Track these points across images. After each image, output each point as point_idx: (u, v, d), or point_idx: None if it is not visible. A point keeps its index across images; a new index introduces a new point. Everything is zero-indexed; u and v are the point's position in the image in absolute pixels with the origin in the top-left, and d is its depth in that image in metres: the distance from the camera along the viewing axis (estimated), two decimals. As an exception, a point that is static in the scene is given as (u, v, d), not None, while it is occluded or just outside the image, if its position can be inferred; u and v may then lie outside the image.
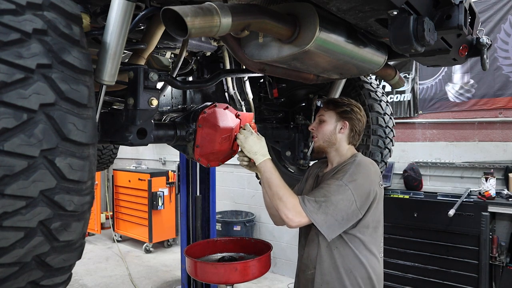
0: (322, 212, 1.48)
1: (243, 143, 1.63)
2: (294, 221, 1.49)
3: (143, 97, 1.27)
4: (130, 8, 1.07)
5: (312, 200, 1.50)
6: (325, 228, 1.49)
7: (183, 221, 3.64)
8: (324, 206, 1.48)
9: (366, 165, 1.60)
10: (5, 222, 0.72)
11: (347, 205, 1.50)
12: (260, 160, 1.60)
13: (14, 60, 0.71)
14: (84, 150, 0.83)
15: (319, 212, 1.48)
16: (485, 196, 3.20)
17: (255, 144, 1.62)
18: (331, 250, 1.57)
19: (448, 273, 3.21)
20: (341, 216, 1.50)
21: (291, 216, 1.49)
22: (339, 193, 1.50)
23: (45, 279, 0.83)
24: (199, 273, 2.10)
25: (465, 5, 1.19)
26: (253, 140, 1.62)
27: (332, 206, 1.48)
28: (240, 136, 1.65)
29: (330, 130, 1.69)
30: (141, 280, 4.83)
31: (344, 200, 1.49)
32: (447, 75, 3.88)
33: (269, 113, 2.54)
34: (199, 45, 1.84)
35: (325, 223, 1.49)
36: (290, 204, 1.49)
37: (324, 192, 1.51)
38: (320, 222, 1.48)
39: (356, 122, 1.70)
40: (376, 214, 1.61)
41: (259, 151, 1.62)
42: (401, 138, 4.08)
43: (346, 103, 1.72)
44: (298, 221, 1.49)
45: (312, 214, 1.48)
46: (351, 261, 1.56)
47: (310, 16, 1.15)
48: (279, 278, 4.84)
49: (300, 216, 1.49)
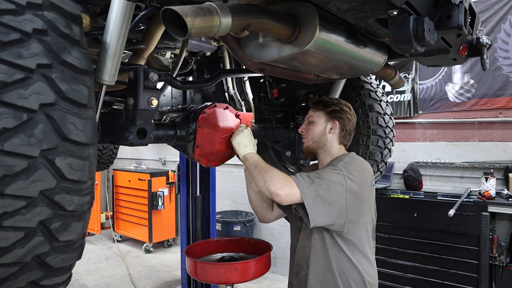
0: (313, 190, 1.41)
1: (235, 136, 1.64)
2: (283, 190, 1.40)
3: (143, 97, 1.27)
4: (130, 8, 1.07)
5: (305, 175, 1.45)
6: (312, 207, 1.41)
7: (183, 221, 3.64)
8: (316, 184, 1.42)
9: (360, 161, 1.61)
10: (5, 222, 0.72)
11: (339, 191, 1.44)
12: (247, 151, 1.60)
13: (14, 60, 0.71)
14: (84, 150, 0.83)
15: (310, 188, 1.41)
16: (485, 196, 3.20)
17: (246, 138, 1.63)
18: (326, 250, 1.55)
19: (448, 273, 3.21)
20: (330, 200, 1.42)
21: (280, 185, 1.40)
22: (333, 176, 1.46)
23: (45, 279, 0.83)
24: (199, 273, 2.10)
25: (465, 5, 1.19)
26: (246, 134, 1.64)
27: (324, 185, 1.42)
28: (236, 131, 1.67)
29: (319, 130, 1.67)
30: (141, 280, 4.83)
31: (337, 184, 1.45)
32: (447, 75, 3.88)
33: (269, 113, 2.54)
34: (199, 45, 1.84)
35: (313, 202, 1.41)
36: (280, 175, 1.45)
37: (318, 173, 1.48)
38: (309, 199, 1.40)
39: (346, 121, 1.68)
40: (368, 215, 1.59)
41: (248, 145, 1.62)
42: (401, 138, 4.08)
43: (335, 103, 1.69)
44: (287, 192, 1.40)
45: (303, 187, 1.40)
46: (345, 263, 1.54)
47: (310, 16, 1.15)
48: (279, 278, 4.84)
49: (290, 187, 1.40)
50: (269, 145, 2.69)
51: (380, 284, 1.70)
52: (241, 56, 1.34)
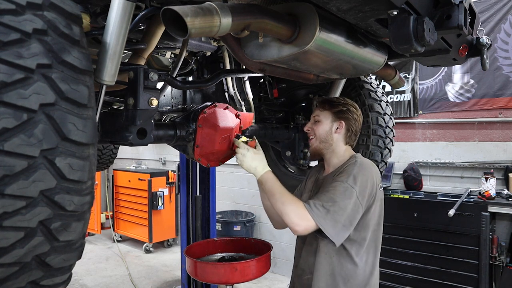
0: (331, 218, 1.43)
1: (242, 162, 1.61)
2: (301, 226, 1.43)
3: (143, 97, 1.27)
4: (130, 8, 1.06)
5: (319, 204, 1.44)
6: (333, 234, 1.43)
7: (183, 221, 3.64)
8: (332, 211, 1.43)
9: (368, 167, 1.57)
10: (5, 222, 0.72)
11: (355, 210, 1.46)
12: (261, 173, 1.58)
13: (14, 60, 0.71)
14: (84, 150, 0.83)
15: (327, 218, 1.43)
16: (485, 196, 3.20)
17: (253, 161, 1.60)
18: (330, 256, 1.53)
19: (448, 273, 3.21)
20: (349, 221, 1.46)
21: (297, 221, 1.43)
22: (346, 197, 1.45)
23: (45, 279, 0.83)
24: (199, 273, 2.10)
25: (465, 5, 1.19)
26: (250, 157, 1.60)
27: (340, 211, 1.43)
28: (237, 156, 1.63)
29: (326, 130, 1.66)
30: (141, 280, 4.83)
31: (351, 204, 1.45)
32: (447, 75, 3.88)
33: (269, 113, 2.54)
34: (199, 45, 1.84)
35: (333, 229, 1.43)
36: (296, 209, 1.44)
37: (330, 195, 1.46)
38: (329, 228, 1.43)
39: (353, 122, 1.67)
40: (375, 217, 1.57)
41: (258, 166, 1.60)
42: (401, 138, 4.08)
43: (342, 103, 1.68)
44: (305, 227, 1.43)
45: (320, 220, 1.42)
46: (349, 269, 1.52)
47: (310, 16, 1.15)
48: (279, 278, 4.84)
49: (307, 221, 1.43)
50: (269, 145, 2.69)
51: (380, 284, 1.69)
52: (241, 56, 1.34)
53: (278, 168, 2.71)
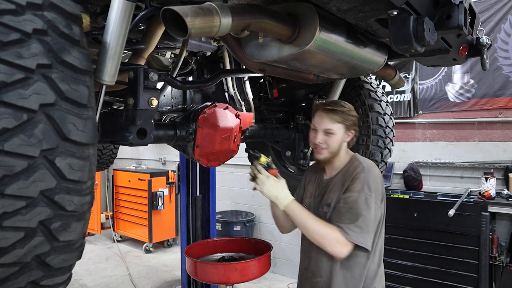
0: (366, 232, 1.51)
1: (262, 189, 1.59)
2: (344, 252, 1.50)
3: (143, 97, 1.27)
4: (130, 8, 1.07)
5: (352, 225, 1.50)
6: (369, 244, 1.52)
7: (183, 221, 3.64)
8: (364, 226, 1.50)
9: (374, 169, 1.62)
10: (5, 222, 0.72)
11: (377, 215, 1.55)
12: (284, 203, 1.57)
13: (14, 60, 0.71)
14: (84, 150, 0.83)
15: (363, 234, 1.50)
16: (485, 196, 3.20)
17: (273, 188, 1.58)
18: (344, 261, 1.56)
19: (448, 273, 3.21)
20: (375, 226, 1.55)
21: (340, 249, 1.49)
22: (370, 207, 1.52)
23: (45, 279, 0.83)
24: (199, 273, 2.10)
25: (465, 5, 1.19)
26: (271, 185, 1.58)
27: (370, 222, 1.52)
28: (258, 182, 1.60)
29: (339, 142, 1.66)
30: (141, 280, 4.83)
31: (373, 210, 1.53)
32: (447, 75, 3.88)
33: (269, 113, 2.54)
34: (199, 45, 1.84)
35: (369, 240, 1.52)
36: (335, 238, 1.49)
37: (356, 211, 1.51)
38: (365, 241, 1.51)
39: (358, 129, 1.73)
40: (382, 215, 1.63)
41: (280, 195, 1.58)
42: (401, 138, 4.08)
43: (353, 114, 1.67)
44: (348, 250, 1.50)
45: (359, 239, 1.49)
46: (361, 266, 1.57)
47: (310, 16, 1.15)
48: (279, 278, 4.84)
49: (348, 246, 1.50)
50: (269, 145, 2.69)
51: (380, 284, 1.70)
52: (241, 56, 1.34)
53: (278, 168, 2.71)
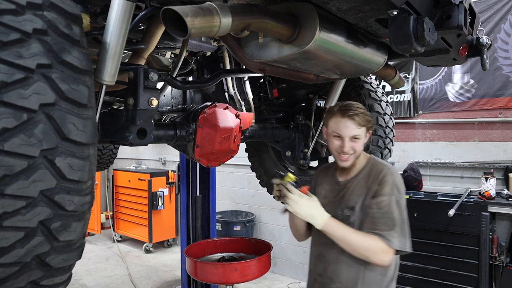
0: (404, 236, 1.51)
1: (296, 210, 1.53)
2: (389, 260, 1.51)
3: (143, 97, 1.27)
4: (130, 8, 1.07)
5: (392, 232, 1.50)
6: (408, 246, 1.52)
7: (183, 221, 3.64)
8: (402, 230, 1.51)
9: (395, 169, 1.63)
10: (5, 222, 0.72)
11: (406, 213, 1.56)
12: (321, 222, 1.52)
13: (14, 60, 0.71)
14: (84, 150, 0.83)
15: (402, 238, 1.51)
16: (485, 196, 3.20)
17: (308, 208, 1.53)
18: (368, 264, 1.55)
19: (448, 273, 3.21)
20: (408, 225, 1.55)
21: (384, 258, 1.49)
22: (402, 209, 1.53)
23: (45, 279, 0.83)
24: (199, 273, 2.10)
25: (465, 5, 1.19)
26: (305, 204, 1.53)
27: (405, 225, 1.53)
28: (290, 202, 1.53)
29: (363, 145, 1.63)
30: (141, 280, 4.83)
31: (405, 211, 1.55)
32: (447, 75, 3.88)
33: (269, 113, 2.54)
34: (199, 45, 1.84)
35: (408, 242, 1.52)
36: (379, 250, 1.49)
37: (391, 216, 1.51)
38: (405, 245, 1.51)
39: None
40: None
41: (316, 214, 1.53)
42: (401, 138, 4.08)
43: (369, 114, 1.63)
44: (391, 258, 1.51)
45: (401, 244, 1.50)
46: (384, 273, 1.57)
47: (310, 16, 1.15)
48: (279, 278, 4.84)
49: (391, 253, 1.50)
50: (269, 145, 2.69)
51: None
52: (241, 56, 1.34)
53: (278, 168, 2.71)
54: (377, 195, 1.54)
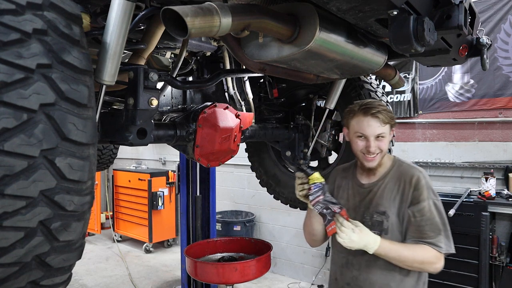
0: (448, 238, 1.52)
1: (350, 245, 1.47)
2: (442, 266, 1.52)
3: (143, 97, 1.27)
4: (130, 8, 1.07)
5: (440, 237, 1.50)
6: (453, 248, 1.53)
7: (183, 221, 3.64)
8: (447, 231, 1.52)
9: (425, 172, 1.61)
10: (5, 222, 0.72)
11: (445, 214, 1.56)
12: (375, 247, 1.47)
13: (14, 60, 0.71)
14: (84, 150, 0.83)
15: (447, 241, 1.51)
16: (485, 196, 3.20)
17: (361, 238, 1.46)
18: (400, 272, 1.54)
19: (448, 273, 3.20)
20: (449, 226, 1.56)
21: (438, 265, 1.51)
22: (440, 211, 1.53)
23: (45, 279, 0.83)
24: (199, 273, 2.11)
25: (465, 5, 1.19)
26: (359, 236, 1.46)
27: (447, 226, 1.53)
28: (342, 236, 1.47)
29: (388, 143, 1.60)
30: (141, 280, 4.83)
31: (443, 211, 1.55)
32: (447, 75, 3.88)
33: (269, 113, 2.54)
34: (199, 45, 1.84)
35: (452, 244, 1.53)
36: (434, 258, 1.49)
37: (434, 221, 1.50)
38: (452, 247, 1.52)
39: None
40: None
41: (367, 240, 1.47)
42: (401, 138, 4.08)
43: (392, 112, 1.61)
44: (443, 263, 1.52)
45: (448, 248, 1.51)
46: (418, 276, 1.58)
47: (310, 16, 1.15)
48: (279, 278, 4.84)
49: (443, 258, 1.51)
50: (269, 145, 2.69)
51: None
52: (241, 56, 1.34)
53: (278, 168, 2.71)
54: (415, 202, 1.52)
